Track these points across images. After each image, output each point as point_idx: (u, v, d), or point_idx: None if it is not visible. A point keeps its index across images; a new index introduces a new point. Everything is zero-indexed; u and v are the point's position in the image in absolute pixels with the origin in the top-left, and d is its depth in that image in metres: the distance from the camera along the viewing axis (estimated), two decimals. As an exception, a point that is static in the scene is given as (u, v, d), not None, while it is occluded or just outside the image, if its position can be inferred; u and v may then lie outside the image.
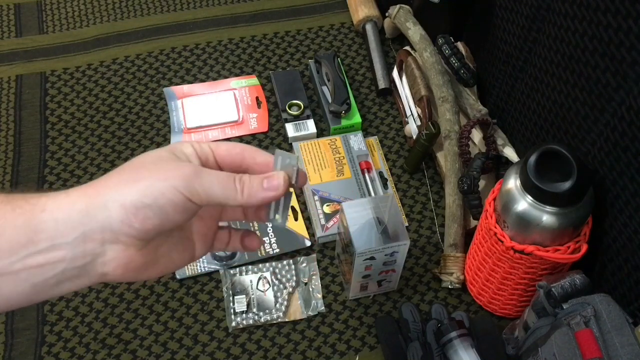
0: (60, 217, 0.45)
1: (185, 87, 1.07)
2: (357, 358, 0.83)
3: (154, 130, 1.02)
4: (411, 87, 1.00)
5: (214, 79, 1.08)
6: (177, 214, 0.47)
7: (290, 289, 0.87)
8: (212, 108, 1.04)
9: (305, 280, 0.88)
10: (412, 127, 0.99)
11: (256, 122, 1.03)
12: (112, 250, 0.47)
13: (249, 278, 0.88)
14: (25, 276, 0.45)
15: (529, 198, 0.72)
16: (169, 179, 0.47)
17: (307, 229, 0.93)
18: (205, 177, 0.48)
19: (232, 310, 0.85)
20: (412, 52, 1.01)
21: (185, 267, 0.88)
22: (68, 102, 1.05)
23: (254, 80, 1.08)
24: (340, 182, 0.96)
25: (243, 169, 0.53)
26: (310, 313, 0.86)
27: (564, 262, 0.75)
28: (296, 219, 0.93)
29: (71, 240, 0.45)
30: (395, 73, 1.07)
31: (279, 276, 0.88)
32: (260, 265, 0.89)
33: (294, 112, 1.02)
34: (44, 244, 0.45)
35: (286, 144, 1.01)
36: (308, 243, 0.91)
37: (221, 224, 0.58)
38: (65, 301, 0.86)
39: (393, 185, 0.98)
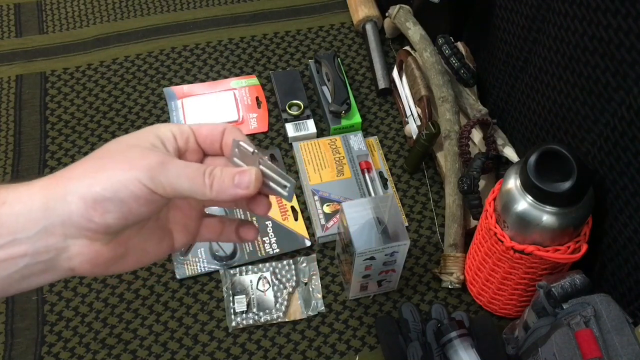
0: (20, 211, 0.43)
1: (185, 87, 1.07)
2: (357, 358, 0.83)
3: (154, 130, 1.02)
4: (411, 87, 1.00)
5: (214, 79, 1.08)
6: (141, 207, 0.45)
7: (290, 289, 0.87)
8: (212, 108, 1.04)
9: (305, 280, 0.88)
10: (412, 127, 0.99)
11: (256, 122, 1.03)
12: (75, 245, 0.45)
13: (249, 278, 0.88)
14: None
15: (529, 198, 0.72)
16: (132, 169, 0.44)
17: (307, 229, 0.93)
18: (171, 170, 0.45)
19: (232, 310, 0.85)
20: (412, 52, 1.01)
21: (186, 267, 0.88)
22: (68, 102, 1.05)
23: (254, 80, 1.08)
24: (340, 182, 0.96)
25: (227, 151, 0.50)
26: (310, 313, 0.86)
27: (564, 262, 0.75)
28: (296, 219, 0.93)
29: (32, 234, 0.43)
30: (395, 73, 1.07)
31: (279, 276, 0.88)
32: (260, 265, 0.89)
33: (294, 112, 1.02)
34: (4, 238, 0.43)
35: (286, 144, 1.01)
36: (308, 243, 0.91)
37: (207, 211, 0.55)
38: (65, 301, 0.86)
39: (393, 185, 0.98)
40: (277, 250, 0.90)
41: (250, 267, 0.89)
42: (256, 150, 0.48)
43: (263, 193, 0.50)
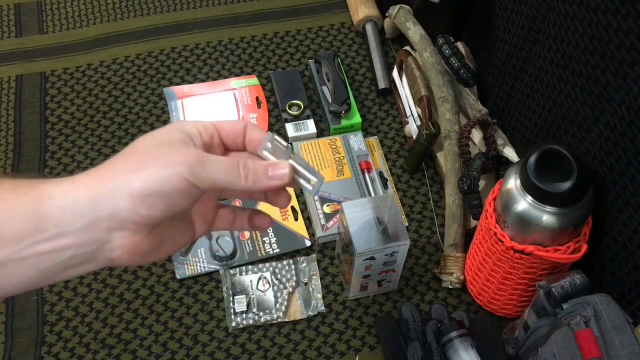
0: (67, 205, 0.45)
1: (185, 87, 1.07)
2: (357, 358, 0.83)
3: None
4: (411, 87, 1.00)
5: (214, 79, 1.08)
6: (183, 200, 0.48)
7: (290, 289, 0.87)
8: (212, 108, 1.04)
9: (305, 280, 0.88)
10: (412, 127, 0.99)
11: (256, 122, 1.03)
12: (119, 237, 0.47)
13: (249, 278, 0.88)
14: (32, 262, 0.45)
15: (529, 198, 0.72)
16: (174, 165, 0.47)
17: (307, 229, 0.93)
18: (209, 164, 0.48)
19: (232, 310, 0.85)
20: (412, 52, 1.01)
21: (186, 267, 0.88)
22: (68, 102, 1.05)
23: (254, 80, 1.08)
24: (340, 182, 0.96)
25: (248, 146, 0.54)
26: (310, 313, 0.86)
27: (564, 262, 0.75)
28: (296, 219, 0.93)
29: (78, 227, 0.45)
30: (395, 73, 1.07)
31: (279, 276, 0.88)
32: (260, 265, 0.89)
33: (294, 112, 1.02)
34: (51, 231, 0.45)
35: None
36: (308, 243, 0.91)
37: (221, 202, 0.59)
38: (65, 301, 0.86)
39: (393, 185, 0.98)
40: (277, 250, 0.90)
41: (250, 267, 0.89)
42: (288, 145, 0.52)
43: (286, 186, 0.54)
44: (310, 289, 0.88)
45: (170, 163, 0.47)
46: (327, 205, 0.94)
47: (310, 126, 1.02)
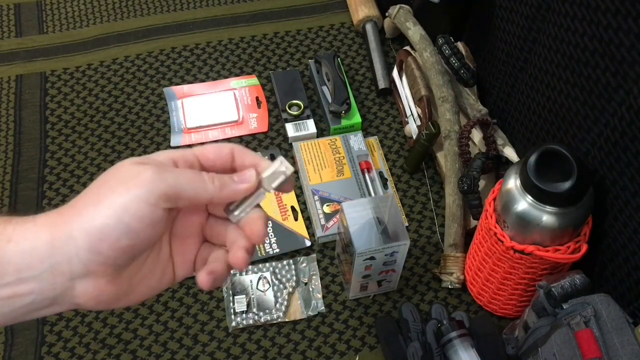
0: (26, 249, 0.42)
1: (185, 87, 1.07)
2: (357, 358, 0.83)
3: (154, 130, 1.02)
4: (411, 87, 1.00)
5: (214, 79, 1.08)
6: (148, 229, 0.44)
7: (290, 289, 0.87)
8: (212, 108, 1.04)
9: (305, 280, 0.88)
10: (412, 127, 0.99)
11: (256, 122, 1.03)
12: (81, 284, 0.44)
13: (249, 278, 0.88)
14: None
15: (529, 198, 0.72)
16: (129, 189, 0.43)
17: (307, 229, 0.93)
18: (168, 175, 0.44)
19: (232, 310, 0.85)
20: (412, 52, 1.01)
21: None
22: (68, 102, 1.05)
23: (254, 80, 1.08)
24: (340, 182, 0.96)
25: (230, 170, 0.49)
26: (310, 313, 0.86)
27: (564, 262, 0.75)
28: (296, 219, 0.93)
29: (38, 273, 0.43)
30: (395, 73, 1.07)
31: (279, 276, 0.88)
32: (260, 265, 0.89)
33: (294, 112, 1.02)
34: (10, 277, 0.42)
35: (286, 144, 1.01)
36: (308, 243, 0.91)
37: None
38: (65, 301, 0.86)
39: (393, 185, 0.98)
40: (277, 250, 0.90)
41: (250, 267, 0.89)
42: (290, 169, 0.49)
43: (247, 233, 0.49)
44: (310, 289, 0.88)
45: (125, 188, 0.43)
46: (327, 205, 0.94)
47: (310, 126, 1.02)
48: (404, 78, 1.03)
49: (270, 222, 0.93)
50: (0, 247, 0.42)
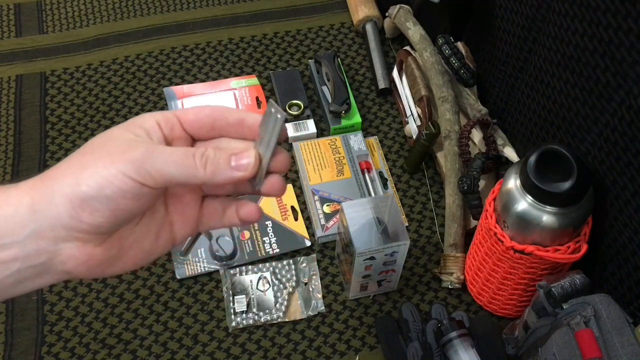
0: (8, 214, 0.42)
1: (185, 87, 1.07)
2: (357, 358, 0.83)
3: (154, 130, 1.02)
4: (411, 87, 1.00)
5: (214, 79, 1.08)
6: (130, 202, 0.43)
7: (290, 289, 0.87)
8: (212, 108, 1.04)
9: (305, 280, 0.88)
10: (412, 127, 0.99)
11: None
12: (67, 248, 0.43)
13: (249, 278, 0.88)
14: None
15: (529, 198, 0.72)
16: (114, 162, 0.42)
17: (307, 229, 0.93)
18: (157, 157, 0.43)
19: (232, 310, 0.85)
20: (412, 52, 1.01)
21: (186, 267, 0.88)
22: (68, 102, 1.05)
23: (254, 80, 1.08)
24: (340, 182, 0.96)
25: (217, 133, 0.48)
26: (310, 313, 0.86)
27: (564, 262, 0.75)
28: (296, 219, 0.93)
29: (21, 238, 0.42)
30: (395, 73, 1.07)
31: (279, 276, 0.88)
32: (260, 265, 0.89)
33: (294, 112, 1.02)
34: None
35: (286, 144, 1.01)
36: (308, 243, 0.91)
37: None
38: (65, 301, 0.86)
39: (393, 185, 0.98)
40: (277, 250, 0.90)
41: (250, 267, 0.89)
42: (283, 113, 0.45)
43: (272, 171, 0.47)
44: (310, 289, 0.88)
45: (111, 160, 0.42)
46: (327, 205, 0.94)
47: (310, 126, 1.02)
48: (404, 78, 1.03)
49: (270, 222, 0.93)
50: None
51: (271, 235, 0.91)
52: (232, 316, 0.85)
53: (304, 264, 0.89)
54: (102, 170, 0.42)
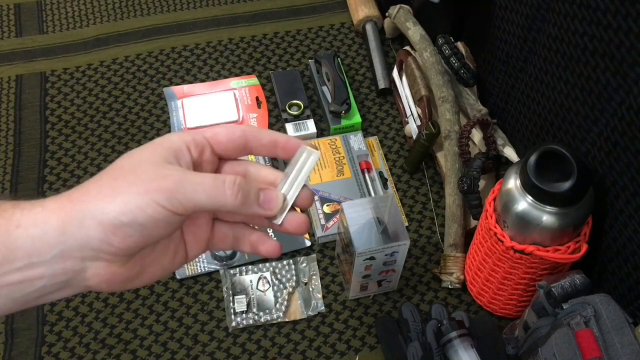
0: (36, 234, 0.42)
1: (185, 87, 1.07)
2: (357, 358, 0.83)
3: (154, 130, 1.02)
4: (411, 87, 1.00)
5: (214, 79, 1.08)
6: (161, 229, 0.44)
7: (290, 289, 0.87)
8: (212, 108, 1.04)
9: (305, 280, 0.88)
10: (412, 127, 0.99)
11: (256, 122, 1.03)
12: (93, 267, 0.44)
13: (249, 278, 0.88)
14: (4, 292, 0.43)
15: (529, 198, 0.72)
16: (149, 192, 0.42)
17: (307, 229, 0.93)
18: (187, 186, 0.43)
19: (232, 310, 0.85)
20: (412, 52, 1.01)
21: (186, 267, 0.88)
22: (68, 102, 1.05)
23: (254, 80, 1.08)
24: (340, 182, 0.96)
25: (247, 153, 0.49)
26: (310, 313, 0.86)
27: (564, 262, 0.75)
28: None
29: (49, 258, 0.42)
30: (395, 73, 1.07)
31: (279, 276, 0.88)
32: (260, 265, 0.89)
33: (294, 112, 1.02)
34: (20, 262, 0.42)
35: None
36: (308, 243, 0.91)
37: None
38: (65, 301, 0.86)
39: (393, 185, 0.98)
40: (277, 250, 0.90)
41: (250, 267, 0.89)
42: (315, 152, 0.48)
43: (295, 205, 0.49)
44: (310, 289, 0.88)
45: (145, 189, 0.42)
46: (327, 205, 0.94)
47: (310, 126, 1.02)
48: (404, 78, 1.03)
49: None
50: (9, 232, 0.42)
51: (271, 235, 0.91)
52: (232, 316, 0.85)
53: (304, 264, 0.89)
54: (135, 198, 0.42)
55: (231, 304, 0.86)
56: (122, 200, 0.42)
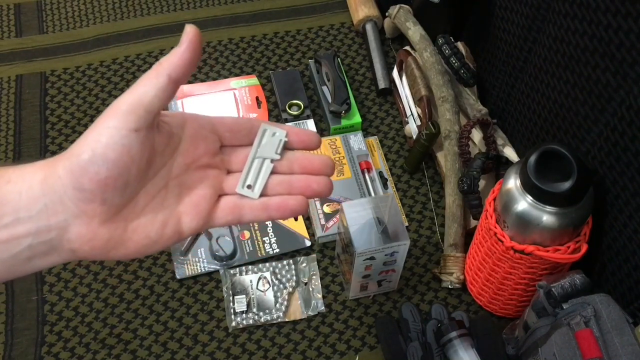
0: (23, 189, 0.43)
1: (185, 87, 1.07)
2: (357, 358, 0.83)
3: (154, 130, 1.02)
4: (411, 87, 1.00)
5: (214, 79, 1.08)
6: (124, 156, 0.44)
7: (290, 289, 0.87)
8: (212, 108, 1.04)
9: (305, 280, 0.88)
10: (412, 127, 0.99)
11: (256, 122, 1.03)
12: (75, 225, 0.44)
13: (249, 278, 0.88)
14: None
15: (529, 198, 0.72)
16: (104, 121, 0.44)
17: (307, 229, 0.93)
18: (138, 97, 0.45)
19: (232, 310, 0.85)
20: (412, 52, 1.01)
21: (186, 267, 0.88)
22: (68, 102, 1.05)
23: (254, 80, 1.08)
24: (340, 182, 0.96)
25: (250, 141, 0.52)
26: (310, 313, 0.86)
27: (564, 262, 0.75)
28: (296, 219, 0.93)
29: (34, 213, 0.43)
30: (395, 73, 1.07)
31: (279, 276, 0.88)
32: (260, 265, 0.89)
33: (294, 112, 1.02)
34: (8, 218, 0.43)
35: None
36: (308, 243, 0.91)
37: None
38: (65, 301, 0.86)
39: (393, 185, 0.98)
40: (277, 250, 0.90)
41: (250, 267, 0.89)
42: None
43: (299, 147, 0.51)
44: (310, 289, 0.88)
45: (100, 122, 0.44)
46: (327, 205, 0.94)
47: (310, 126, 1.02)
48: (404, 78, 1.03)
49: (270, 222, 0.93)
50: (0, 188, 0.44)
51: (271, 235, 0.91)
52: (232, 316, 0.85)
53: (304, 264, 0.89)
54: (91, 134, 0.44)
55: (231, 304, 0.86)
56: (83, 140, 0.44)
